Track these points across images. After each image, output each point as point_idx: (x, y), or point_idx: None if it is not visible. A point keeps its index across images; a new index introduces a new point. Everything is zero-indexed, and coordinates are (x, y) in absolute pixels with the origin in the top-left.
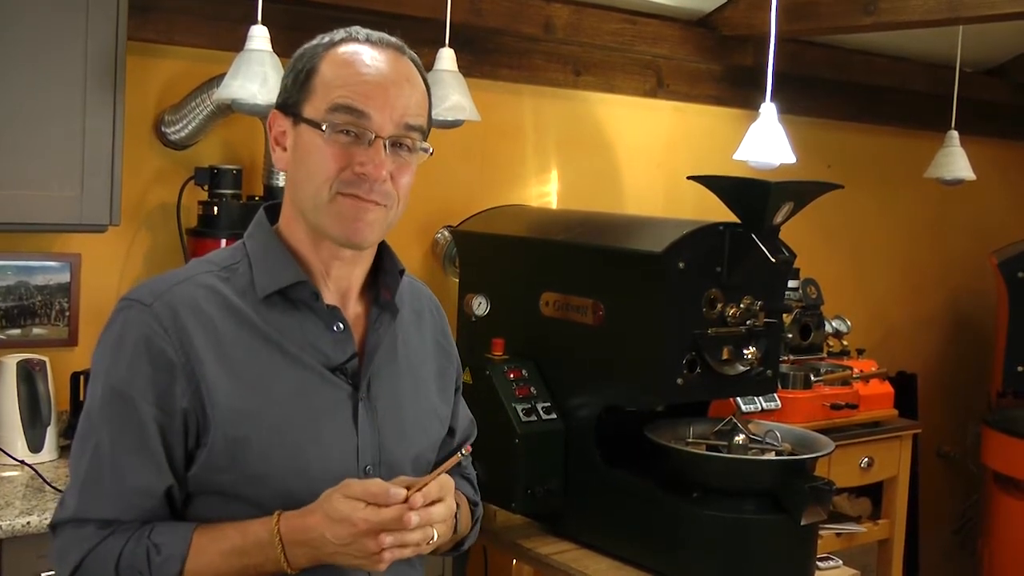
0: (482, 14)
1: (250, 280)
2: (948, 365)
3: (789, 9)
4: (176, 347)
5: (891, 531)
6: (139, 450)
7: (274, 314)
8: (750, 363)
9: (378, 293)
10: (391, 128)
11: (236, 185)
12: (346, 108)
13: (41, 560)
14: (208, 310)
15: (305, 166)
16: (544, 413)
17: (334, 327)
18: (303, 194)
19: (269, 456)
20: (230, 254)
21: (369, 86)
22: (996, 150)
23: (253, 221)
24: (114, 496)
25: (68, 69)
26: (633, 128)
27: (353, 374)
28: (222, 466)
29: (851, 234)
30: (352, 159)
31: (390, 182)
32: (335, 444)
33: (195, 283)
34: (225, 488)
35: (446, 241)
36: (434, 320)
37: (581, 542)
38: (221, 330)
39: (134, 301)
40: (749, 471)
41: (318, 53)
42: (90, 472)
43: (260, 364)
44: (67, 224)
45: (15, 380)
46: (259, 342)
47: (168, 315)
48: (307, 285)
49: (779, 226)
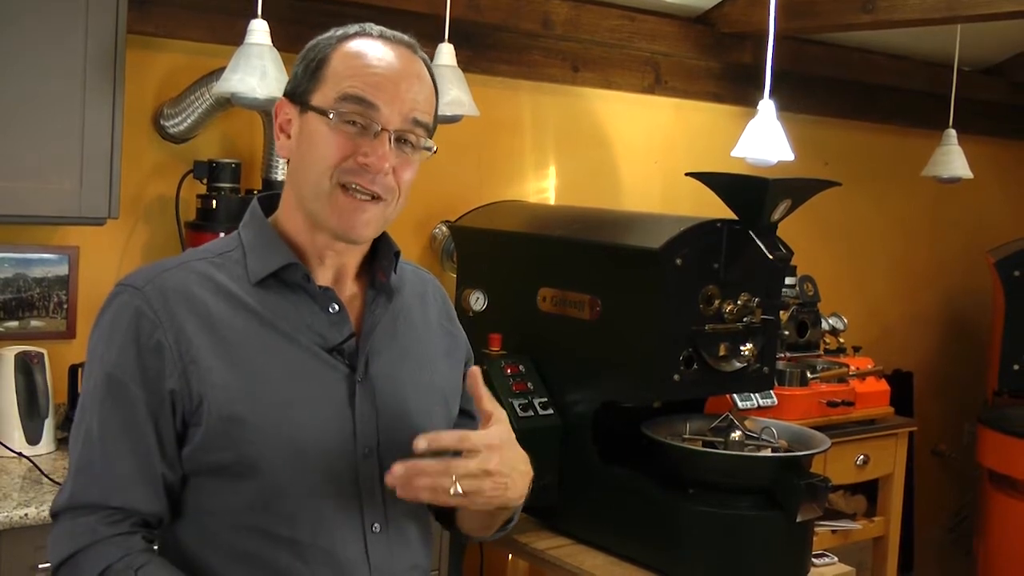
0: (481, 10)
1: (244, 266)
2: (944, 363)
3: (788, 6)
4: (166, 329)
5: (886, 528)
6: (128, 435)
7: (269, 297)
8: (747, 360)
9: (374, 275)
10: (398, 121)
11: (235, 179)
12: (355, 98)
13: (39, 552)
14: (200, 294)
15: (309, 153)
16: (541, 408)
17: (329, 308)
18: (304, 181)
19: (264, 434)
20: (224, 243)
21: (379, 78)
22: (993, 149)
23: (248, 210)
24: (105, 481)
25: (68, 62)
26: (631, 125)
27: (350, 355)
28: (217, 446)
29: (848, 231)
30: (356, 149)
31: (392, 176)
32: (331, 425)
33: (188, 268)
34: (223, 468)
35: (444, 236)
36: (438, 304)
37: (577, 538)
38: (214, 313)
39: (127, 286)
40: (745, 467)
41: (331, 44)
42: (82, 458)
43: (254, 345)
44: (66, 217)
45: (13, 372)
46: (253, 324)
47: (158, 298)
48: (298, 267)
49: (776, 223)
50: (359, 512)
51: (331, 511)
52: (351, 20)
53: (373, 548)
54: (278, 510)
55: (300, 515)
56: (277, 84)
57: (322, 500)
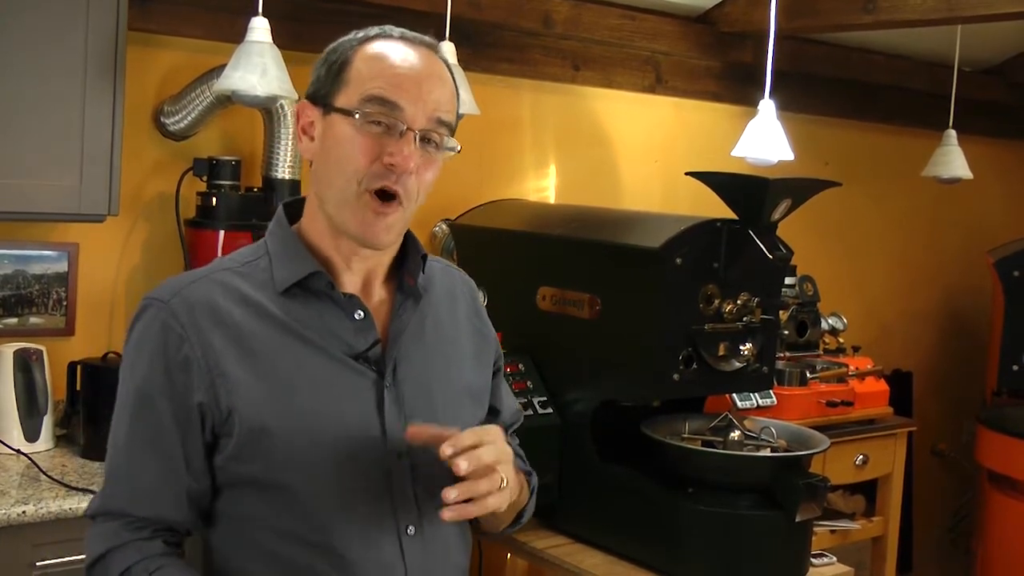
0: (481, 8)
1: (270, 275)
2: (943, 363)
3: (788, 6)
4: (193, 342)
5: (885, 528)
6: (154, 447)
7: (294, 306)
8: (746, 359)
9: (402, 279)
10: (423, 121)
11: (235, 176)
12: (380, 99)
13: (37, 549)
14: (225, 305)
15: (335, 156)
16: (540, 407)
17: (355, 315)
18: (329, 185)
19: (294, 444)
20: (251, 251)
21: (402, 79)
22: (993, 149)
23: (273, 218)
24: (129, 491)
25: (68, 59)
26: (631, 124)
27: (377, 361)
28: (247, 456)
29: (848, 231)
30: (382, 149)
31: (415, 176)
32: (360, 432)
33: (212, 280)
34: (255, 479)
35: (444, 235)
36: (467, 301)
37: (576, 537)
38: (240, 323)
39: (153, 300)
40: (744, 467)
41: (352, 47)
42: (112, 468)
43: (280, 354)
44: (65, 213)
45: (12, 369)
46: (279, 333)
47: (184, 311)
48: (322, 275)
49: (776, 223)
50: (392, 516)
51: (364, 516)
52: (352, 18)
53: (409, 551)
54: (311, 518)
55: (333, 522)
56: (277, 82)
57: (354, 506)
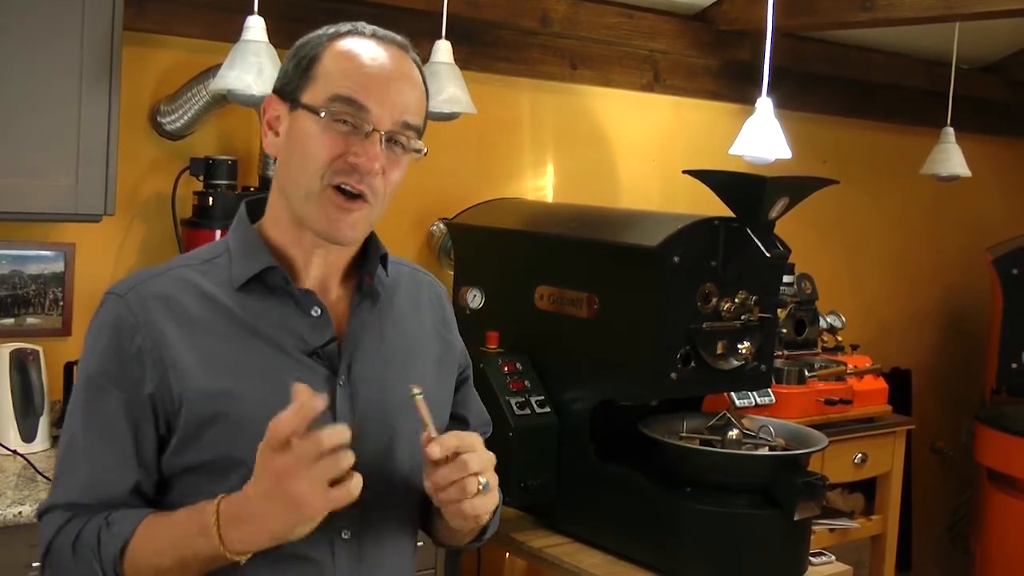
0: (479, 7)
1: (229, 272)
2: (942, 361)
3: (786, 4)
4: (144, 334)
5: (884, 527)
6: (107, 438)
7: (251, 301)
8: (744, 358)
9: (361, 278)
10: (389, 123)
11: (231, 176)
12: (346, 100)
13: (33, 550)
14: (182, 299)
15: (299, 152)
16: (538, 407)
17: (311, 311)
18: (293, 181)
19: (241, 435)
20: (212, 249)
21: (370, 79)
22: (991, 147)
23: (236, 216)
24: (84, 483)
25: (64, 58)
26: (629, 122)
27: (331, 357)
28: (196, 447)
29: (846, 230)
30: (347, 148)
31: (381, 176)
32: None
33: (172, 276)
34: (202, 466)
35: (441, 234)
36: (434, 310)
37: (574, 536)
38: (195, 317)
39: (112, 293)
40: (743, 466)
41: (322, 43)
42: (64, 460)
43: (233, 348)
44: (62, 213)
45: (8, 369)
46: (234, 327)
47: (139, 304)
48: (278, 270)
49: (774, 221)
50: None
51: None
52: (349, 17)
53: (340, 554)
54: None
55: None
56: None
57: None
